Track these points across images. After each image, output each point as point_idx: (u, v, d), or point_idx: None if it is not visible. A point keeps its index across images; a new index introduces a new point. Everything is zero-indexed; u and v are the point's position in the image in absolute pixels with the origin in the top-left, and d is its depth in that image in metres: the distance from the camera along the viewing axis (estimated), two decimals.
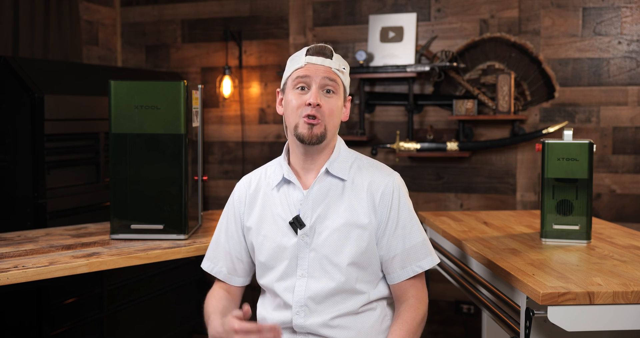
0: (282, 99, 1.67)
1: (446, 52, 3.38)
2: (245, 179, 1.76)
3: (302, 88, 1.60)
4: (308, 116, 1.58)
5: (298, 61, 1.62)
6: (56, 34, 3.31)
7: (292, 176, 1.65)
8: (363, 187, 1.63)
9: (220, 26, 3.86)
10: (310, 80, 1.59)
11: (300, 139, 1.60)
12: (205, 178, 2.43)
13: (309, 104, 1.57)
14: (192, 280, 3.40)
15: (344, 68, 1.63)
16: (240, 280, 1.75)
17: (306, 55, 1.62)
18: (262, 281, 1.68)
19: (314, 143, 1.60)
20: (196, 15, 3.90)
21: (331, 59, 1.61)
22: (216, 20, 3.87)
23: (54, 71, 2.86)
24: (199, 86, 2.34)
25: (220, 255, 1.74)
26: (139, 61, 4.02)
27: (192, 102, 2.25)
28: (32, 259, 1.89)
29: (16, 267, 1.80)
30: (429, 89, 3.52)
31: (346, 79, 1.65)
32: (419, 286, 1.65)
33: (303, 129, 1.59)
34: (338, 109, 1.62)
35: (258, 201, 1.69)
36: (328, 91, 1.60)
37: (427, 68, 3.34)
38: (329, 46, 1.64)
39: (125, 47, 4.03)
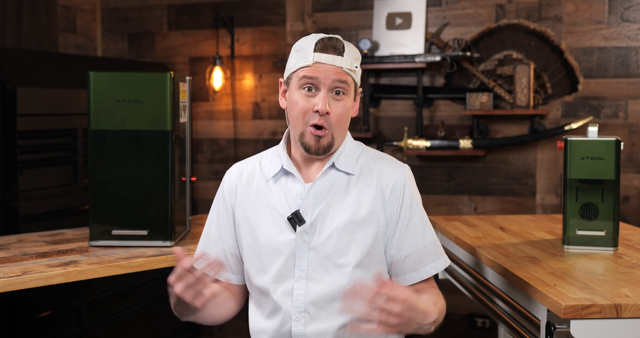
0: (285, 91, 1.66)
1: (459, 41, 3.39)
2: (235, 167, 1.74)
3: (310, 89, 1.59)
4: (315, 126, 1.58)
5: (305, 57, 1.60)
6: (30, 20, 3.31)
7: (292, 168, 1.65)
8: (372, 181, 1.64)
9: (210, 12, 3.86)
10: (318, 82, 1.58)
11: (306, 149, 1.61)
12: (193, 178, 2.43)
13: (317, 111, 1.57)
14: None
15: (356, 67, 1.61)
16: (236, 277, 1.72)
17: (314, 51, 1.59)
18: (254, 282, 1.66)
19: (320, 153, 1.61)
20: (184, 0, 3.90)
21: (342, 55, 1.59)
22: (206, 5, 3.87)
23: (27, 61, 2.86)
24: (187, 78, 2.34)
25: (211, 251, 1.72)
26: (121, 50, 4.03)
27: (180, 96, 2.25)
28: (3, 268, 1.89)
29: None
30: (439, 81, 3.53)
31: (358, 76, 1.64)
32: (433, 289, 1.66)
33: (310, 140, 1.60)
34: (347, 111, 1.62)
35: (252, 193, 1.68)
36: (338, 93, 1.60)
37: (437, 58, 3.34)
38: (340, 40, 1.61)
39: (106, 35, 4.03)
